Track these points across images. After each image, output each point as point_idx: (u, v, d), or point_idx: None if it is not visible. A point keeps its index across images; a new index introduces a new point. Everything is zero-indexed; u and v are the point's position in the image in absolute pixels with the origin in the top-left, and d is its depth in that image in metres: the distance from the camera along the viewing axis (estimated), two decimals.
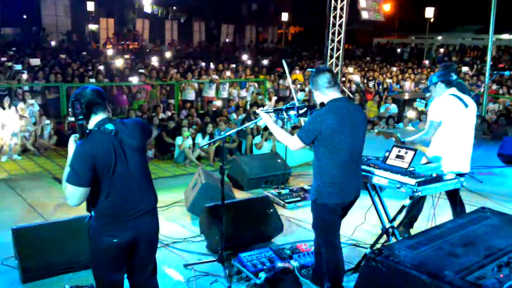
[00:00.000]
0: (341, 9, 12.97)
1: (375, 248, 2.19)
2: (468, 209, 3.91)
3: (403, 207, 4.05)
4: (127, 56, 19.20)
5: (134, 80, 13.03)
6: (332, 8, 13.10)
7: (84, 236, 4.15)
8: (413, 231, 4.79)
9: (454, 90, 4.67)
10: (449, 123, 4.52)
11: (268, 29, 37.35)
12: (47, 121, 10.24)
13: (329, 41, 13.35)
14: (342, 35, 13.19)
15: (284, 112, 3.87)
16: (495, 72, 12.31)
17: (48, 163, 8.80)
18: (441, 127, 4.53)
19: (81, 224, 4.30)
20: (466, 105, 4.60)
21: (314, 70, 3.78)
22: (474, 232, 2.38)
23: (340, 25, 13.10)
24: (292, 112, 3.81)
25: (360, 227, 5.25)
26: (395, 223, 4.23)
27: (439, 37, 32.28)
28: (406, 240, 2.30)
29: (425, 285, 1.87)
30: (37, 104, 11.03)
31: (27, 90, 11.42)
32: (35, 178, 7.62)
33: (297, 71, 17.58)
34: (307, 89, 14.69)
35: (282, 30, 36.59)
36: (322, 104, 3.62)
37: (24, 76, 12.15)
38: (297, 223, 5.53)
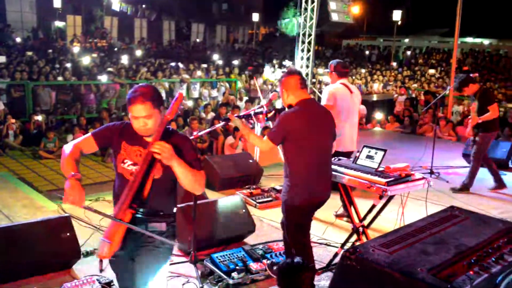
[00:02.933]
0: (312, 10, 13.10)
1: (349, 246, 2.23)
2: (435, 208, 4.01)
3: (373, 206, 4.13)
4: (95, 54, 18.87)
5: (102, 78, 12.82)
6: (302, 9, 13.21)
7: (52, 238, 4.14)
8: (382, 231, 4.89)
9: (344, 80, 5.52)
10: (339, 107, 5.32)
11: (239, 29, 37.36)
12: (13, 120, 9.97)
13: (300, 42, 13.45)
14: (312, 37, 13.31)
15: (253, 117, 3.95)
16: (460, 74, 12.63)
17: (13, 163, 8.58)
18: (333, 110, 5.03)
19: (48, 225, 4.23)
20: (351, 92, 5.45)
21: (284, 71, 3.84)
22: (445, 231, 2.46)
23: (311, 27, 13.23)
24: (260, 116, 3.92)
25: (331, 226, 5.33)
26: (365, 222, 4.31)
27: (406, 40, 33.01)
28: (379, 238, 2.36)
29: (399, 282, 1.93)
30: (1, 102, 10.73)
31: None
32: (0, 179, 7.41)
33: (268, 72, 17.65)
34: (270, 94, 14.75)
35: (252, 30, 36.69)
36: (289, 106, 3.67)
37: None
38: (269, 223, 5.56)
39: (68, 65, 14.91)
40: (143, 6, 32.65)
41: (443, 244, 2.25)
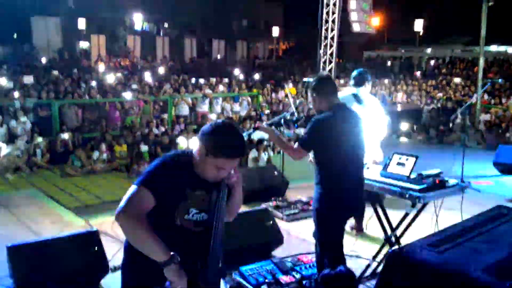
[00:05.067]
0: (333, 21, 13.06)
1: (395, 247, 2.14)
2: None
3: (406, 214, 4.00)
4: (119, 73, 19.16)
5: (127, 96, 12.96)
6: (324, 21, 13.19)
7: (80, 253, 4.12)
8: (415, 238, 4.74)
9: (352, 89, 5.28)
10: None
11: (259, 45, 37.58)
12: (40, 139, 10.12)
13: (321, 54, 13.41)
14: (334, 48, 13.25)
15: (283, 124, 3.87)
16: (488, 80, 12.42)
17: (41, 181, 8.68)
18: None
19: (76, 240, 4.22)
20: (361, 103, 5.09)
21: (314, 78, 3.74)
22: (495, 229, 2.33)
23: (332, 38, 13.18)
24: (291, 123, 3.83)
25: (360, 237, 5.20)
26: (398, 232, 4.17)
27: (429, 50, 32.62)
28: (425, 239, 2.24)
29: (452, 283, 1.82)
30: (29, 122, 10.92)
31: (19, 107, 11.30)
32: (28, 196, 7.50)
33: (290, 85, 17.62)
34: (298, 101, 14.71)
35: (272, 45, 36.86)
36: (320, 112, 3.58)
37: (16, 94, 12.04)
38: (297, 235, 5.46)
39: (93, 83, 15.15)
40: (165, 25, 33.20)
41: (495, 243, 2.12)
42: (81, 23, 26.51)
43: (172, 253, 2.13)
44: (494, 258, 2.00)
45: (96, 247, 4.21)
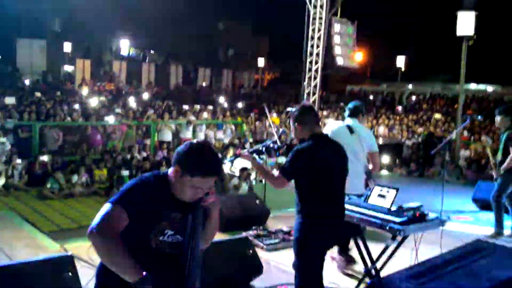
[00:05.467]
0: (317, 55, 13.29)
1: (374, 279, 2.13)
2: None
3: (387, 247, 3.99)
4: (103, 97, 19.09)
5: (110, 120, 12.89)
6: (308, 54, 13.40)
7: (53, 277, 4.00)
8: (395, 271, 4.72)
9: (350, 121, 5.26)
10: None
11: (245, 74, 37.97)
12: (19, 161, 9.94)
13: (305, 85, 13.57)
14: (318, 80, 13.44)
15: (264, 152, 3.88)
16: (467, 116, 12.69)
17: (17, 204, 8.49)
18: None
19: (50, 265, 4.10)
20: (352, 132, 5.09)
21: (296, 107, 3.76)
22: (474, 263, 2.35)
23: (316, 70, 13.38)
24: (273, 152, 3.83)
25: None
26: (378, 265, 4.15)
27: (410, 86, 33.32)
28: (404, 271, 2.24)
29: None
30: (8, 143, 10.74)
31: None
32: (2, 218, 7.30)
33: (274, 115, 17.75)
34: (281, 130, 14.81)
35: (258, 75, 37.26)
36: (302, 140, 3.60)
37: None
38: (277, 266, 5.39)
39: (76, 106, 15.05)
40: (151, 51, 33.38)
41: (475, 277, 2.14)
42: (67, 47, 26.50)
43: (144, 273, 2.07)
44: None
45: (70, 273, 4.09)
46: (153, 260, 2.23)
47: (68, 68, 28.27)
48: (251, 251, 4.93)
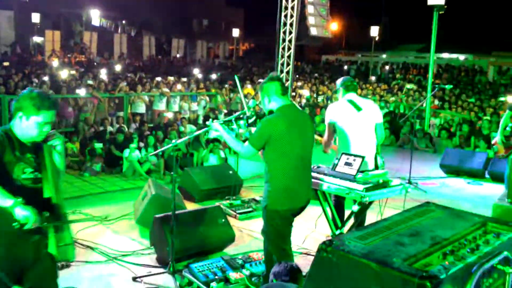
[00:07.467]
0: (291, 25, 13.24)
1: (325, 240, 2.26)
2: None
3: (352, 213, 4.15)
4: (74, 70, 18.71)
5: (81, 92, 12.68)
6: (282, 24, 13.34)
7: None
8: None
9: (351, 95, 4.87)
10: (342, 125, 4.77)
11: (219, 45, 37.58)
12: None
13: (279, 56, 13.56)
14: (292, 51, 13.41)
15: (234, 123, 3.93)
16: (436, 85, 12.91)
17: None
18: (337, 128, 4.77)
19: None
20: (359, 109, 4.78)
21: (264, 80, 3.84)
22: (420, 224, 2.50)
23: (290, 41, 13.34)
24: (242, 122, 3.89)
25: (311, 235, 5.32)
26: (345, 230, 4.31)
27: (384, 55, 33.55)
28: (355, 231, 2.38)
29: (374, 272, 1.95)
30: None
31: None
32: None
33: (249, 86, 17.72)
34: (251, 101, 14.82)
35: (233, 46, 36.95)
36: (271, 112, 3.68)
37: None
38: (249, 233, 5.53)
39: (46, 78, 14.73)
40: (124, 21, 32.67)
41: (419, 236, 2.30)
42: (35, 17, 25.71)
43: (17, 197, 2.57)
44: (415, 250, 2.16)
45: None
46: (24, 195, 2.66)
47: (37, 39, 27.51)
48: (223, 219, 5.04)
